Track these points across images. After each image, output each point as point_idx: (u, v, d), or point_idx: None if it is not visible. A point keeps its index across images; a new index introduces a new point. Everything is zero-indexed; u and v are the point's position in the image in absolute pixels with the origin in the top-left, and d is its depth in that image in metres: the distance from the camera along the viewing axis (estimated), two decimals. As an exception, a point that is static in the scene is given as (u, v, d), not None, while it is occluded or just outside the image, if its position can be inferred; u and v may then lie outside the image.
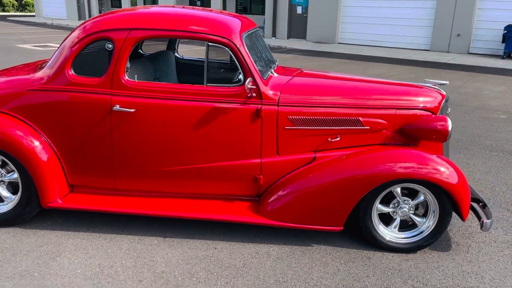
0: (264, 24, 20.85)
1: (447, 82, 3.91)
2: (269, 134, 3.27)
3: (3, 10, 40.60)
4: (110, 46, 3.11)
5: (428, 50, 16.40)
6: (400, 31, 17.05)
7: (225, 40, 3.11)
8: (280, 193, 3.26)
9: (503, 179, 4.68)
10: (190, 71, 4.32)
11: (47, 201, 3.27)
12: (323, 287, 2.84)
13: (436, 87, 3.72)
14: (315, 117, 3.30)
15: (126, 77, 3.15)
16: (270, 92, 3.24)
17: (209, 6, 22.92)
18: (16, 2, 42.37)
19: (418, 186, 3.16)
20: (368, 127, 3.38)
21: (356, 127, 3.36)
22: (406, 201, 3.25)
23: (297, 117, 3.28)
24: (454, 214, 3.45)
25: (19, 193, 3.30)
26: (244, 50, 3.15)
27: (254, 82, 3.16)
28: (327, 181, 3.17)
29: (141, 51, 4.38)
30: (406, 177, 3.07)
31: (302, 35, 19.89)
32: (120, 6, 28.01)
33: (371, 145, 3.41)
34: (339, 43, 18.84)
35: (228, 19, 3.30)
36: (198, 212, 3.30)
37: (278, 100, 3.24)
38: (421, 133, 3.38)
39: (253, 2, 22.63)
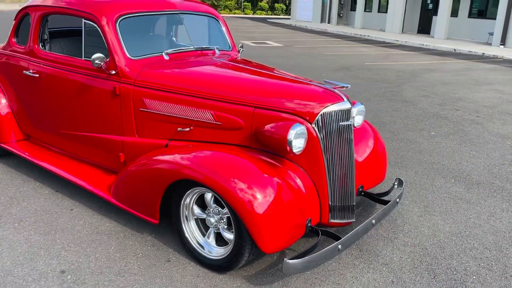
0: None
1: (349, 85, 3.01)
2: (127, 113, 3.30)
3: (272, 13, 46.81)
4: (30, 20, 3.74)
5: None
6: None
7: (90, 16, 3.30)
8: (122, 172, 3.25)
9: (476, 237, 3.20)
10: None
11: (2, 141, 4.16)
12: (77, 265, 2.79)
13: (336, 90, 2.92)
14: (167, 103, 3.14)
15: (37, 46, 3.72)
16: (130, 72, 3.24)
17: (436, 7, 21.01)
18: (285, 7, 48.21)
19: (221, 198, 2.65)
20: (220, 123, 2.99)
21: (207, 121, 3.03)
22: (218, 211, 2.78)
23: (151, 100, 3.19)
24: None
25: None
26: (110, 28, 3.26)
27: (112, 59, 3.24)
28: (142, 169, 3.00)
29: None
30: (192, 178, 2.65)
31: (539, 44, 16.16)
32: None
33: (227, 144, 3.00)
34: None
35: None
36: (78, 175, 3.59)
37: (135, 80, 3.23)
38: (263, 139, 2.79)
39: (493, 5, 19.47)
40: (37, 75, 3.71)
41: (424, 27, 23.59)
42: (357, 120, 3.29)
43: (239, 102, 2.93)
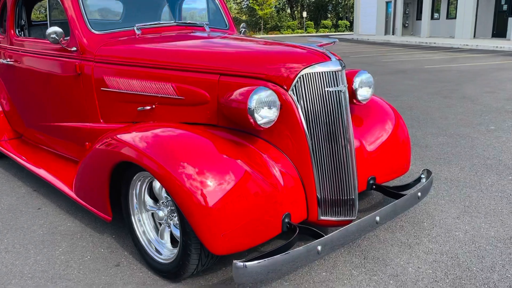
0: None
1: (336, 40, 2.34)
2: (89, 95, 2.87)
3: (335, 30, 46.06)
4: (7, 6, 3.49)
5: None
6: None
7: None
8: (79, 164, 2.78)
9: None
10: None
11: (-6, 139, 3.94)
12: (10, 268, 2.34)
13: (320, 48, 2.27)
14: (126, 78, 2.66)
15: (13, 31, 3.44)
16: (90, 46, 2.81)
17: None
18: (349, 23, 47.23)
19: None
20: (182, 97, 2.46)
21: (169, 96, 2.50)
22: (168, 203, 2.21)
23: (110, 76, 2.74)
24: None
25: None
26: (71, 1, 2.87)
27: (73, 34, 2.84)
28: (89, 155, 2.51)
29: None
30: (131, 160, 2.11)
31: None
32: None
33: (194, 124, 2.44)
34: None
35: None
36: (53, 172, 3.20)
37: (95, 55, 2.79)
38: (228, 112, 2.21)
39: None
40: (12, 63, 3.43)
41: (499, 31, 21.56)
42: (362, 92, 2.59)
43: (202, 70, 2.38)
